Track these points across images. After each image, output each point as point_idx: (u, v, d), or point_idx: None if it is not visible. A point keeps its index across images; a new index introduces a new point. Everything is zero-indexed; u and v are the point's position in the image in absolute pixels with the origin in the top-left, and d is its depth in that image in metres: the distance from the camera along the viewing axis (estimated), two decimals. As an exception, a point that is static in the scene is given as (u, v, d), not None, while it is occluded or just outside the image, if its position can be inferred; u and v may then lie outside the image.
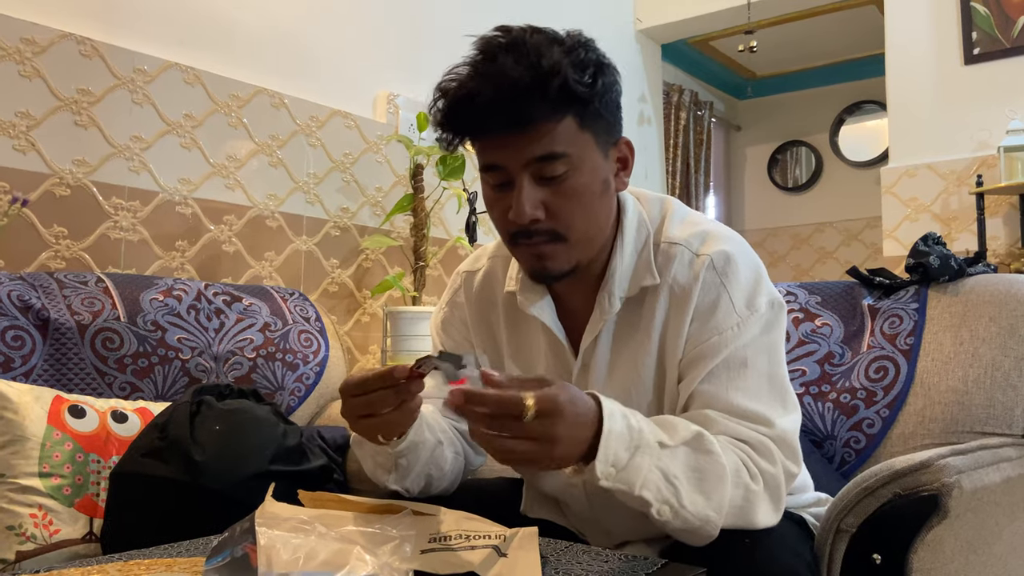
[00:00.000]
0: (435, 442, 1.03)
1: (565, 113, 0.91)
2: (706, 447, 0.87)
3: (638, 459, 0.82)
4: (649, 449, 0.83)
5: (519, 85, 0.87)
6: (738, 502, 0.87)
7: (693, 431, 0.87)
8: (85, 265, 1.89)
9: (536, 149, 0.90)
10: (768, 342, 0.97)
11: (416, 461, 1.01)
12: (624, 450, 0.82)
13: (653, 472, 0.83)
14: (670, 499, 0.83)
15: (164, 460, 1.28)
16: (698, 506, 0.84)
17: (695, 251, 0.98)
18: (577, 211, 0.94)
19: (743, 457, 0.89)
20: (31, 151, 1.82)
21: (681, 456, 0.85)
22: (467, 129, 0.94)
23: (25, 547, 1.25)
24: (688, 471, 0.85)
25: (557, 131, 0.91)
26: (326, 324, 1.99)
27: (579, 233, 0.95)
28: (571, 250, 0.95)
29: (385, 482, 1.04)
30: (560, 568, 0.79)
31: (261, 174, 2.28)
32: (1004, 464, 1.12)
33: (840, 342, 1.48)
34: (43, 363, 1.49)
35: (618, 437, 0.82)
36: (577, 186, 0.93)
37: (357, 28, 2.62)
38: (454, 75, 0.92)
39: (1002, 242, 3.21)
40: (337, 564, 0.66)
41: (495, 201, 0.97)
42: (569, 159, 0.92)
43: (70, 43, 1.88)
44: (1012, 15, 3.20)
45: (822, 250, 5.44)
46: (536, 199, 0.92)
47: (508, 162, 0.92)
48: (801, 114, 5.65)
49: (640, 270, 1.00)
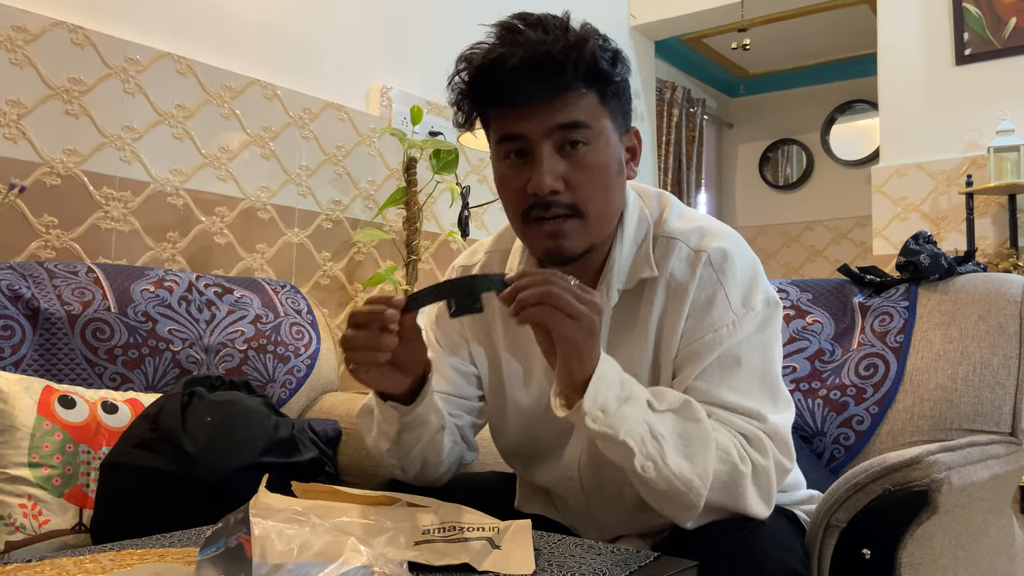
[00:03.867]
0: (439, 426, 1.04)
1: (590, 86, 0.92)
2: (693, 414, 0.88)
3: (626, 409, 0.85)
4: (638, 403, 0.86)
5: (552, 51, 0.89)
6: (724, 478, 0.88)
7: (681, 399, 0.89)
8: (75, 255, 1.87)
9: (560, 117, 0.91)
10: (762, 340, 0.97)
11: (419, 439, 1.02)
12: (614, 398, 0.85)
13: (640, 424, 0.85)
14: (654, 455, 0.85)
15: (155, 451, 1.28)
16: (682, 469, 0.86)
17: (693, 246, 0.99)
18: (596, 186, 0.94)
19: (735, 441, 0.90)
20: (22, 140, 1.80)
21: (669, 420, 0.88)
22: (493, 98, 0.94)
23: (14, 537, 1.24)
24: (674, 434, 0.87)
25: (581, 102, 0.92)
26: (317, 317, 1.98)
27: (596, 209, 0.95)
28: (588, 228, 0.95)
29: (384, 452, 1.04)
30: (553, 560, 0.79)
31: (253, 166, 2.27)
32: (992, 461, 1.13)
33: (830, 339, 1.49)
34: (33, 353, 1.48)
35: (609, 383, 0.85)
36: (597, 161, 0.93)
37: (351, 20, 2.61)
38: (477, 48, 0.93)
39: (991, 242, 3.23)
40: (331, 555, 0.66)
41: (511, 177, 0.96)
42: (591, 131, 0.93)
43: (62, 31, 1.87)
44: (1004, 16, 3.22)
45: (812, 248, 5.46)
46: (557, 171, 0.92)
47: (531, 131, 0.92)
48: (793, 112, 5.67)
49: (639, 262, 1.00)
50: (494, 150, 0.98)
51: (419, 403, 0.98)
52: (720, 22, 4.21)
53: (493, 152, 0.99)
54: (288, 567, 0.64)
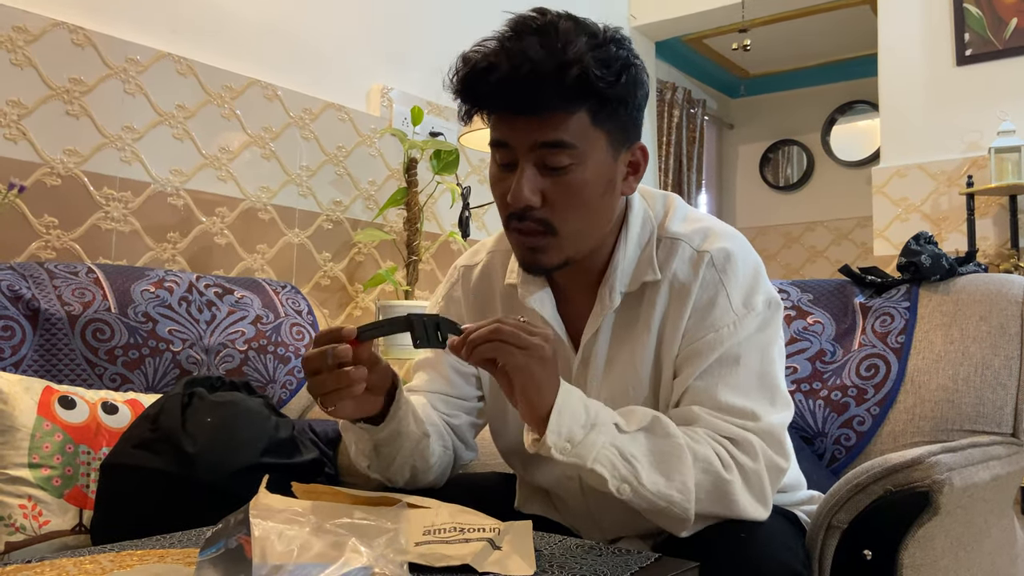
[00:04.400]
0: (421, 435, 1.03)
1: (580, 106, 0.90)
2: (663, 430, 0.89)
3: (593, 436, 0.85)
4: (605, 428, 0.86)
5: (537, 69, 0.87)
6: (708, 487, 0.88)
7: (650, 416, 0.90)
8: (76, 256, 1.87)
9: (544, 135, 0.90)
10: (762, 340, 0.97)
11: (398, 451, 1.01)
12: (579, 427, 0.85)
13: (608, 449, 0.85)
14: (628, 477, 0.86)
15: (155, 452, 1.27)
16: (659, 486, 0.86)
17: (696, 247, 0.98)
18: (574, 206, 0.93)
19: (719, 450, 0.90)
20: (22, 140, 1.80)
21: (640, 440, 0.88)
22: (480, 102, 0.94)
23: (14, 538, 1.24)
24: (647, 453, 0.87)
25: (568, 122, 0.90)
26: (318, 317, 1.98)
27: (571, 229, 0.94)
28: (561, 244, 0.95)
29: (364, 469, 1.04)
30: (554, 561, 0.79)
31: (254, 166, 2.27)
32: (993, 462, 1.13)
33: (831, 340, 1.49)
34: (33, 353, 1.48)
35: (573, 413, 0.85)
36: (579, 181, 0.92)
37: (352, 21, 2.61)
38: (481, 46, 0.92)
39: (992, 242, 3.23)
40: (332, 556, 0.66)
41: (498, 180, 0.96)
42: (576, 152, 0.91)
43: (62, 32, 1.87)
44: (1004, 17, 3.22)
45: (812, 249, 5.46)
46: (536, 186, 0.91)
47: (516, 142, 0.92)
48: (793, 113, 5.67)
49: (642, 265, 0.99)
50: (489, 147, 0.98)
51: (390, 421, 0.97)
52: (721, 23, 4.21)
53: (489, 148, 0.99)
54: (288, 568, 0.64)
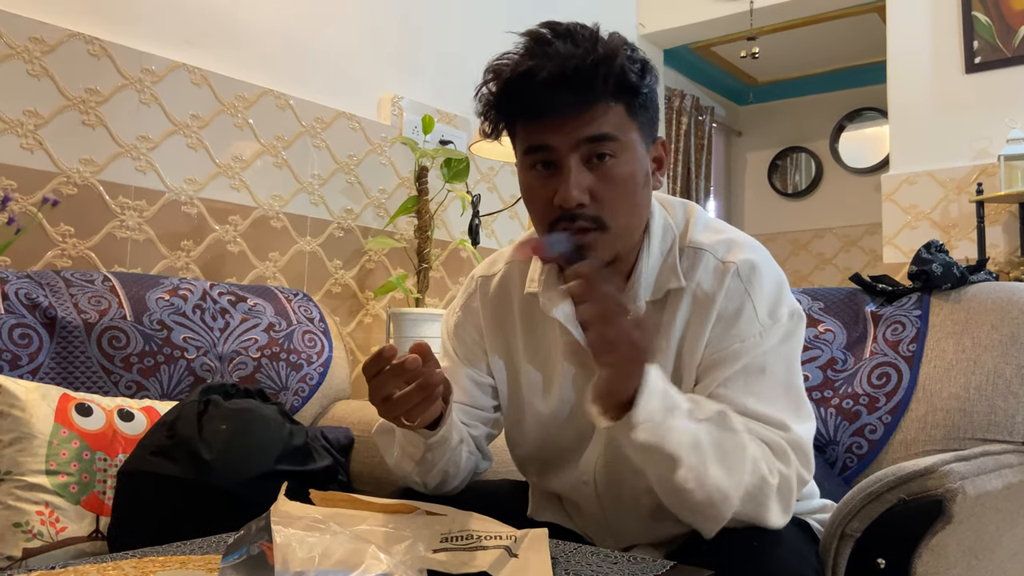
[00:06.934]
0: (458, 440, 1.04)
1: (618, 99, 0.93)
2: (729, 424, 0.88)
3: (672, 420, 0.85)
4: (681, 413, 0.86)
5: (581, 65, 0.89)
6: (752, 490, 0.87)
7: (717, 408, 0.89)
8: (91, 264, 1.89)
9: (588, 130, 0.92)
10: (787, 351, 0.97)
11: (441, 456, 1.02)
12: (660, 409, 0.84)
13: (686, 434, 0.85)
14: (697, 465, 0.85)
15: (172, 459, 1.29)
16: (720, 480, 0.85)
17: (721, 258, 0.99)
18: (622, 199, 0.94)
19: (766, 453, 0.90)
20: (39, 150, 1.82)
21: (711, 431, 0.87)
22: (521, 110, 0.94)
23: (32, 544, 1.25)
24: (712, 445, 0.86)
25: (609, 115, 0.92)
26: (330, 325, 1.99)
27: (622, 222, 0.95)
28: (613, 240, 0.95)
29: (408, 472, 1.05)
30: (570, 569, 0.80)
31: (266, 175, 2.29)
32: (1006, 471, 1.13)
33: (842, 348, 1.49)
34: (50, 361, 1.49)
35: (660, 395, 0.85)
36: (623, 173, 0.94)
37: (363, 30, 2.62)
38: (506, 59, 0.93)
39: (1002, 250, 3.23)
40: (352, 563, 0.66)
41: (538, 188, 0.96)
42: (618, 143, 0.93)
43: (78, 42, 1.89)
44: (1013, 24, 3.22)
45: (821, 256, 5.45)
46: (583, 184, 0.92)
47: (558, 143, 0.93)
48: (802, 120, 5.67)
49: (665, 273, 1.00)
50: (520, 160, 0.98)
51: (444, 424, 0.99)
52: (729, 30, 4.22)
53: (520, 161, 0.99)
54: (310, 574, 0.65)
